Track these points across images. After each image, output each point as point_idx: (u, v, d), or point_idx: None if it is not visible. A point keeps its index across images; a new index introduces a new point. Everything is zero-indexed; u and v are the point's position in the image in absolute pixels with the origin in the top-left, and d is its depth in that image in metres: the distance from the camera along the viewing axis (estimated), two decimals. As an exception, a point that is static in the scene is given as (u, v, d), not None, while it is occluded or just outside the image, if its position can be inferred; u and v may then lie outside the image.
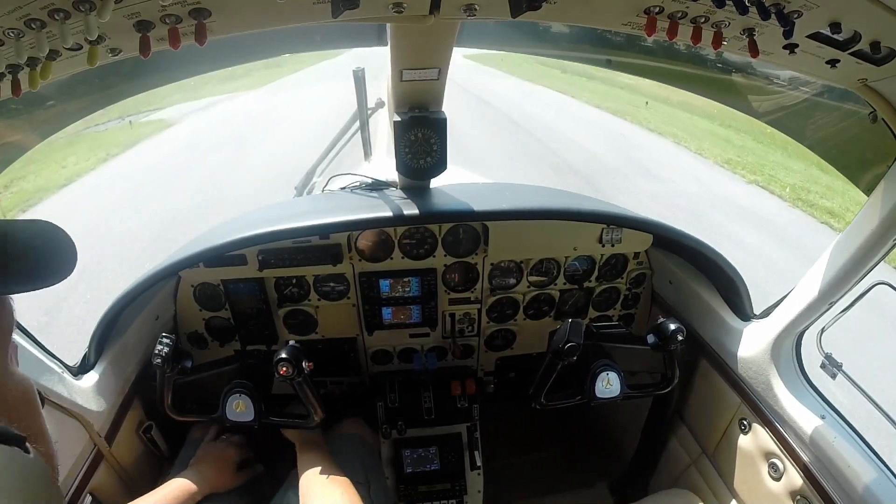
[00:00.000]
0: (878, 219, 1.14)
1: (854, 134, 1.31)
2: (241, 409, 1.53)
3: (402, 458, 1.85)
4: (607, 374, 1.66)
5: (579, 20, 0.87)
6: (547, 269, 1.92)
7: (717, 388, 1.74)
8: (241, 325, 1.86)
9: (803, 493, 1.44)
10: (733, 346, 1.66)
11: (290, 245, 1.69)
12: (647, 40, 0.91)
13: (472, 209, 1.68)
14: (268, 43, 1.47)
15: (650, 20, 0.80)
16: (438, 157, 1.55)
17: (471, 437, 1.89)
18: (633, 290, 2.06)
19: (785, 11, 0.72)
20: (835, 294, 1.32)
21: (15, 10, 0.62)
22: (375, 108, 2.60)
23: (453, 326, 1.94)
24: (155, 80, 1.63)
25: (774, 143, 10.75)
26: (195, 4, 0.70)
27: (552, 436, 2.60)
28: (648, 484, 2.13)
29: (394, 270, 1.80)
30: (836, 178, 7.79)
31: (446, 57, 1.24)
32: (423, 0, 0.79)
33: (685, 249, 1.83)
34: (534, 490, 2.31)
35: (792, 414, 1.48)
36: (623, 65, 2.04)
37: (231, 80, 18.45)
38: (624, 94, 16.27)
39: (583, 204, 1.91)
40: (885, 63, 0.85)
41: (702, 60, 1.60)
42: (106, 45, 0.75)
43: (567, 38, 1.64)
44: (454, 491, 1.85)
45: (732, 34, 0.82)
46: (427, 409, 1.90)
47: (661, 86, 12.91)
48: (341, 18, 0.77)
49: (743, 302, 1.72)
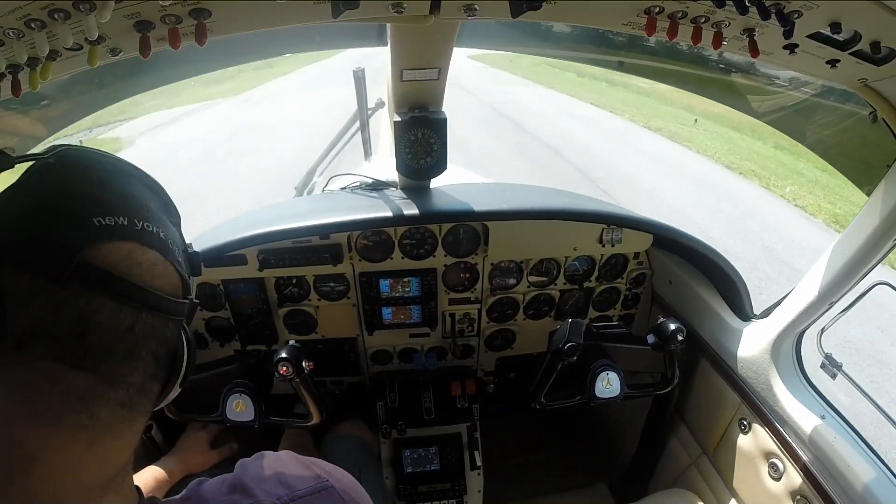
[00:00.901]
0: (878, 219, 1.15)
1: (854, 134, 1.31)
2: (241, 409, 1.53)
3: (402, 458, 1.85)
4: (607, 374, 1.66)
5: (579, 20, 0.87)
6: (547, 269, 1.92)
7: (717, 388, 1.74)
8: (241, 325, 1.85)
9: (803, 492, 1.44)
10: (733, 346, 1.66)
11: (290, 245, 1.69)
12: (647, 40, 0.91)
13: (472, 209, 1.68)
14: (268, 43, 1.48)
15: (650, 20, 0.80)
16: (438, 157, 1.56)
17: (471, 437, 1.89)
18: (633, 290, 2.06)
19: (785, 11, 0.72)
20: (835, 294, 1.32)
21: (15, 10, 0.62)
22: (375, 108, 2.60)
23: (453, 326, 1.94)
24: (155, 79, 1.63)
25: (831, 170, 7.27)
26: (195, 4, 0.70)
27: (552, 436, 2.60)
28: (648, 484, 2.13)
29: (394, 270, 1.80)
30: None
31: (446, 57, 1.24)
32: (424, 0, 0.79)
33: (685, 249, 1.83)
34: (534, 490, 2.31)
35: (792, 414, 1.48)
36: (627, 66, 2.03)
37: (215, 84, 15.66)
38: (661, 107, 13.49)
39: (583, 204, 1.91)
40: (886, 63, 0.85)
41: (702, 60, 1.59)
42: (106, 45, 0.75)
43: (569, 37, 1.64)
44: (454, 491, 1.85)
45: (732, 34, 0.82)
46: (427, 409, 1.90)
47: (688, 94, 9.97)
48: (341, 18, 0.77)
49: (743, 302, 1.72)
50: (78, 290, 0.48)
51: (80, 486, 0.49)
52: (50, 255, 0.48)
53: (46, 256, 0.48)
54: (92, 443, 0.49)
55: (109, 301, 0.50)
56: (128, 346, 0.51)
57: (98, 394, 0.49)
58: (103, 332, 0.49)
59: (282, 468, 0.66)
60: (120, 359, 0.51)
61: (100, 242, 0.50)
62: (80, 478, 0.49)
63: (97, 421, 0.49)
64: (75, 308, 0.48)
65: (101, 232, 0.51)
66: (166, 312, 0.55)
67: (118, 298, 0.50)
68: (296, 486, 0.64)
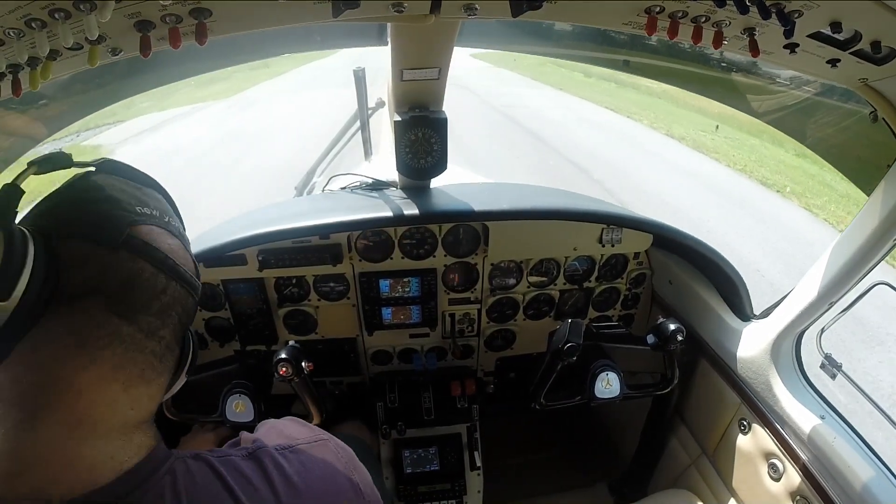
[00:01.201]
0: (878, 219, 1.15)
1: (854, 134, 1.31)
2: (241, 410, 1.53)
3: (402, 458, 1.84)
4: (607, 375, 1.66)
5: (580, 20, 0.87)
6: (547, 269, 1.92)
7: (717, 389, 1.74)
8: (241, 325, 1.85)
9: (803, 493, 1.44)
10: (733, 346, 1.66)
11: (290, 245, 1.69)
12: (649, 40, 0.91)
13: (472, 209, 1.68)
14: (268, 43, 1.47)
15: (651, 20, 0.80)
16: (438, 157, 1.55)
17: (470, 437, 1.89)
18: (633, 291, 2.06)
19: (785, 11, 0.72)
20: (835, 294, 1.32)
21: (16, 10, 0.62)
22: (375, 108, 2.60)
23: (453, 326, 1.94)
24: (154, 79, 1.62)
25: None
26: (195, 4, 0.70)
27: (552, 436, 2.60)
28: (648, 484, 2.13)
29: (394, 270, 1.80)
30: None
31: (447, 56, 1.24)
32: (424, 0, 0.79)
33: (685, 249, 1.83)
34: (534, 490, 2.31)
35: (791, 414, 1.48)
36: (629, 65, 2.03)
37: (210, 84, 14.87)
38: (675, 110, 12.57)
39: (583, 204, 1.91)
40: (886, 63, 0.85)
41: (703, 59, 1.59)
42: (106, 45, 0.75)
43: (570, 37, 1.64)
44: (454, 491, 1.85)
45: (733, 34, 0.82)
46: (427, 409, 1.89)
47: (697, 96, 9.09)
48: (342, 18, 0.77)
49: (743, 302, 1.72)
50: (126, 255, 0.61)
51: (115, 419, 0.60)
52: (106, 228, 0.61)
53: (103, 228, 0.61)
54: (127, 386, 0.61)
55: (149, 266, 0.62)
56: (162, 305, 0.64)
57: (137, 341, 0.61)
58: (144, 290, 0.62)
59: (282, 428, 0.77)
60: (155, 314, 0.63)
61: (140, 224, 0.64)
62: (115, 413, 0.60)
63: (134, 364, 0.61)
64: (124, 269, 0.61)
65: (141, 217, 0.65)
66: (189, 286, 0.68)
67: (156, 265, 0.63)
68: (296, 437, 0.74)
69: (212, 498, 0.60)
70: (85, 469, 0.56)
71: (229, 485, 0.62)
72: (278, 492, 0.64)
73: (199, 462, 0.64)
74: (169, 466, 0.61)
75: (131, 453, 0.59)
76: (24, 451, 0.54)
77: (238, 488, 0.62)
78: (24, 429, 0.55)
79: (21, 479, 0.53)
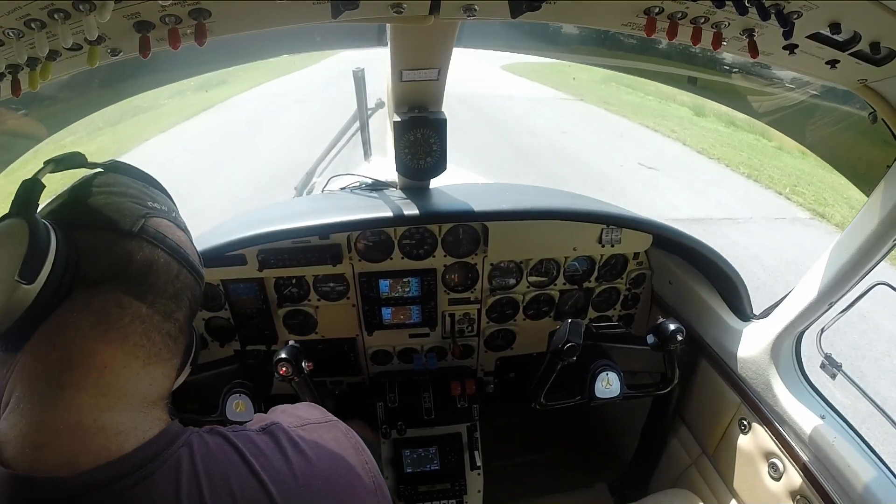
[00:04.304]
0: (878, 219, 1.14)
1: (854, 134, 1.31)
2: (241, 409, 1.53)
3: (402, 458, 1.84)
4: (607, 375, 1.66)
5: (579, 21, 0.87)
6: (547, 269, 1.92)
7: (717, 389, 1.74)
8: (241, 325, 1.85)
9: (803, 492, 1.44)
10: (733, 346, 1.66)
11: (289, 245, 1.69)
12: (652, 41, 0.91)
13: (471, 209, 1.68)
14: (268, 43, 1.47)
15: (650, 21, 0.80)
16: (438, 157, 1.56)
17: (471, 437, 1.89)
18: (632, 291, 2.06)
19: (785, 12, 0.72)
20: (835, 294, 1.32)
21: (15, 10, 0.62)
22: (375, 109, 2.60)
23: (453, 326, 1.94)
24: (154, 79, 1.62)
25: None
26: (195, 4, 0.70)
27: (552, 436, 2.60)
28: (648, 484, 2.13)
29: (393, 271, 1.80)
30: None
31: (446, 57, 1.24)
32: (423, 1, 0.79)
33: (685, 250, 1.83)
34: (534, 490, 2.31)
35: (792, 414, 1.48)
36: (625, 67, 2.02)
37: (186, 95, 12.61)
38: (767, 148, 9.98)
39: (582, 204, 1.91)
40: (885, 63, 0.85)
41: (700, 60, 1.59)
42: (106, 46, 0.75)
43: (571, 38, 1.63)
44: (454, 491, 1.85)
45: (732, 35, 0.82)
46: (427, 409, 1.89)
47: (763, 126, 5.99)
48: (341, 19, 0.77)
49: (742, 302, 1.72)
50: (143, 243, 0.66)
51: (138, 393, 0.64)
52: (124, 218, 0.66)
53: (120, 219, 0.66)
54: (146, 363, 0.65)
55: (164, 253, 0.68)
56: (176, 289, 0.69)
57: (155, 322, 0.66)
58: (160, 275, 0.67)
59: (294, 409, 0.80)
60: (170, 298, 0.69)
61: (153, 216, 0.70)
62: (138, 387, 0.64)
63: (152, 343, 0.66)
64: (141, 255, 0.66)
65: (152, 210, 0.71)
66: (197, 274, 0.74)
67: (169, 253, 0.69)
68: (307, 417, 0.77)
69: (227, 467, 0.62)
70: (113, 435, 0.58)
71: (244, 455, 0.64)
72: (292, 463, 0.66)
73: (214, 435, 0.66)
74: (186, 439, 0.63)
75: (152, 424, 0.62)
76: (53, 421, 0.57)
77: (253, 458, 0.64)
78: (51, 400, 0.58)
79: (50, 450, 0.55)
